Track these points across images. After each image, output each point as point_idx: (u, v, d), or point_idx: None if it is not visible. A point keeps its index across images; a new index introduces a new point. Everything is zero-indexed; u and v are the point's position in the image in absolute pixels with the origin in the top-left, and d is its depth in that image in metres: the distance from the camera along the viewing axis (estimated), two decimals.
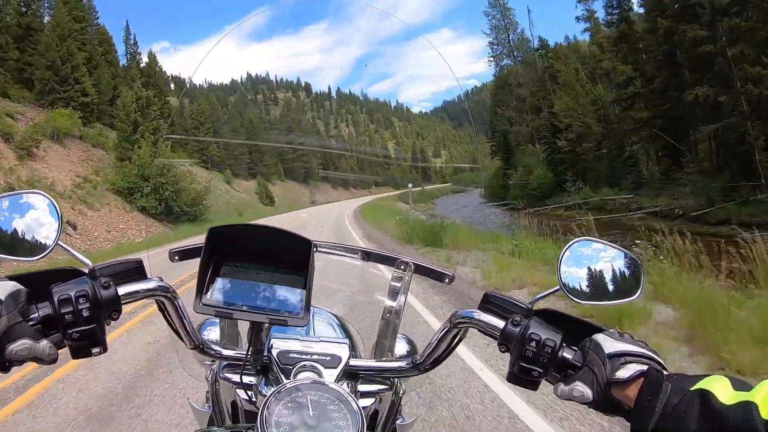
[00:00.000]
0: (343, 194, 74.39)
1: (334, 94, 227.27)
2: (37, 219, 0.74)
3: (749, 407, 0.48)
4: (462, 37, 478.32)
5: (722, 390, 0.52)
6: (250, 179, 62.87)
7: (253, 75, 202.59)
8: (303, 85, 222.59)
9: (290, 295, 0.81)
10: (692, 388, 0.54)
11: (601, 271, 0.78)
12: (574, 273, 0.77)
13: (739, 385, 0.52)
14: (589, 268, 0.77)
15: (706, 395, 0.52)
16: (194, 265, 0.83)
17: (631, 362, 0.62)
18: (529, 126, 51.80)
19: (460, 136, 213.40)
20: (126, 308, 0.71)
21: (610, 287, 0.78)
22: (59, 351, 0.65)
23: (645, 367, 0.61)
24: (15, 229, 0.73)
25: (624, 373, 0.61)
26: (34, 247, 0.72)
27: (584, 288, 0.77)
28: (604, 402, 0.63)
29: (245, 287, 0.82)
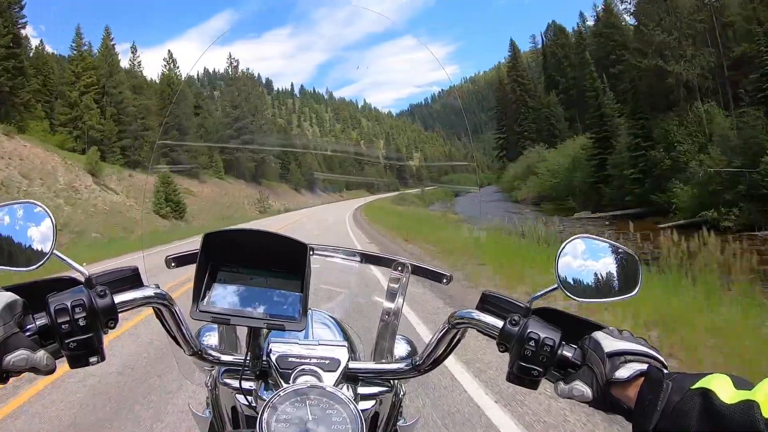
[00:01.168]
0: (309, 199, 58.98)
1: (297, 92, 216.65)
2: (33, 229, 0.73)
3: (751, 406, 0.48)
4: (424, 44, 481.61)
5: (723, 389, 0.51)
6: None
7: (211, 71, 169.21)
8: (264, 81, 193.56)
9: (287, 299, 0.81)
10: (693, 387, 0.54)
11: (598, 268, 0.78)
12: (572, 270, 0.77)
13: (740, 384, 0.52)
14: (587, 265, 0.77)
15: (707, 394, 0.52)
16: (190, 267, 0.83)
17: (630, 361, 0.62)
18: (697, 63, 27.63)
19: (433, 138, 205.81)
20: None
21: (609, 284, 0.78)
22: (57, 361, 0.64)
23: (645, 367, 0.61)
24: (10, 240, 0.73)
25: (624, 372, 0.61)
26: (30, 257, 0.72)
27: (582, 285, 0.77)
28: (604, 401, 0.63)
29: (242, 292, 0.81)
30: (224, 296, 0.81)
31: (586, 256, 0.78)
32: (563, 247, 0.77)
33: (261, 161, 59.45)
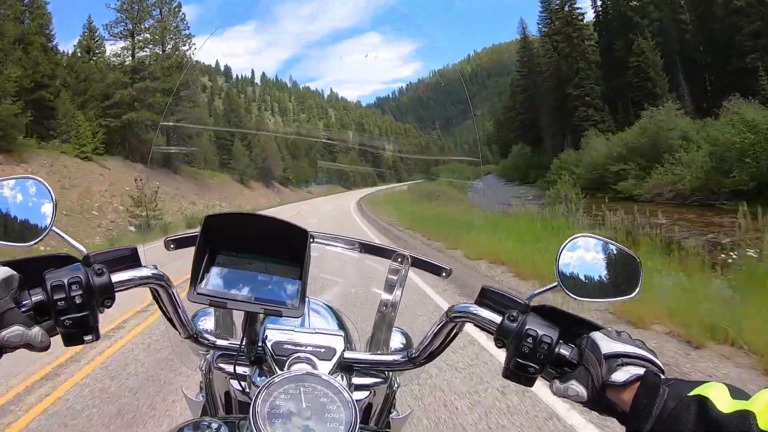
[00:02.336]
0: (262, 195, 44.95)
1: (258, 80, 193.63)
2: (32, 204, 0.73)
3: (747, 417, 0.48)
4: (389, 42, 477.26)
5: (720, 397, 0.51)
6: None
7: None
8: (222, 69, 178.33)
9: (285, 285, 0.81)
10: (689, 394, 0.53)
11: (599, 267, 0.78)
12: (573, 269, 0.77)
13: (737, 394, 0.51)
14: (587, 264, 0.77)
15: (703, 402, 0.51)
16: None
17: (627, 364, 0.61)
18: None
19: (407, 129, 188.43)
20: None
21: (608, 284, 0.78)
22: (51, 338, 0.64)
23: (641, 371, 0.60)
24: (8, 215, 0.72)
25: (620, 376, 0.61)
26: (28, 233, 0.72)
27: (582, 284, 0.77)
28: (599, 403, 0.63)
29: (240, 277, 0.81)
30: (222, 280, 0.80)
31: (587, 256, 0.78)
32: (564, 246, 0.77)
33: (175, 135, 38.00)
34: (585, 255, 0.77)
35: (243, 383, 0.88)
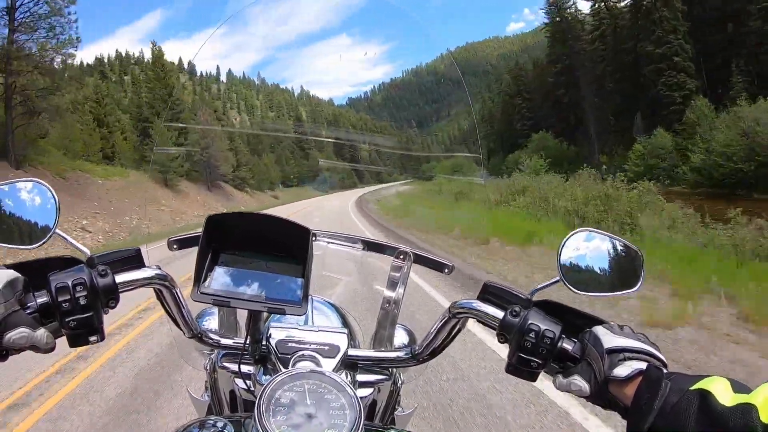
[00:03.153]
0: (192, 203, 30.99)
1: (223, 78, 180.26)
2: (35, 207, 0.73)
3: (749, 410, 0.48)
4: (359, 43, 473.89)
5: (722, 391, 0.51)
6: None
7: (129, 52, 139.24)
8: (186, 66, 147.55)
9: (289, 284, 0.81)
10: (692, 388, 0.53)
11: (601, 262, 0.77)
12: (575, 264, 0.77)
13: (738, 387, 0.52)
14: (589, 259, 0.77)
15: (705, 396, 0.52)
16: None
17: (629, 359, 0.62)
18: None
19: (382, 127, 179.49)
20: None
21: (610, 279, 0.78)
22: (57, 339, 0.65)
23: (644, 366, 0.60)
24: (13, 217, 0.73)
25: (622, 371, 0.61)
26: (32, 235, 0.72)
27: (584, 279, 0.77)
28: (602, 397, 0.63)
29: (244, 276, 0.81)
30: (225, 279, 0.81)
31: (589, 250, 0.77)
32: (566, 240, 0.77)
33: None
34: (587, 249, 0.77)
35: (248, 382, 0.89)
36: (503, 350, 1.05)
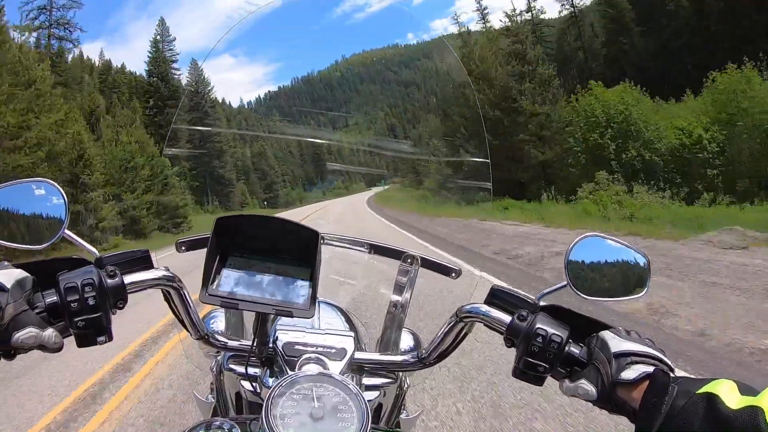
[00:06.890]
0: None
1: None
2: (45, 207, 0.74)
3: (756, 412, 0.48)
4: (242, 65, 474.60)
5: (729, 394, 0.51)
6: None
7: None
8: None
9: (296, 286, 0.81)
10: (699, 392, 0.53)
11: (608, 267, 0.77)
12: (582, 269, 0.77)
13: (745, 390, 0.52)
14: (596, 264, 0.77)
15: (712, 399, 0.52)
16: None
17: (637, 363, 0.61)
18: None
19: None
20: None
21: (617, 284, 0.78)
22: (65, 339, 0.65)
23: (651, 369, 0.60)
24: (22, 217, 0.73)
25: (629, 374, 0.61)
26: (41, 235, 0.73)
27: (591, 284, 0.77)
28: (609, 401, 0.63)
29: (251, 278, 0.81)
30: (234, 281, 0.81)
31: (597, 255, 0.77)
32: (573, 245, 0.77)
33: None
34: (594, 254, 0.77)
35: (254, 384, 0.89)
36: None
